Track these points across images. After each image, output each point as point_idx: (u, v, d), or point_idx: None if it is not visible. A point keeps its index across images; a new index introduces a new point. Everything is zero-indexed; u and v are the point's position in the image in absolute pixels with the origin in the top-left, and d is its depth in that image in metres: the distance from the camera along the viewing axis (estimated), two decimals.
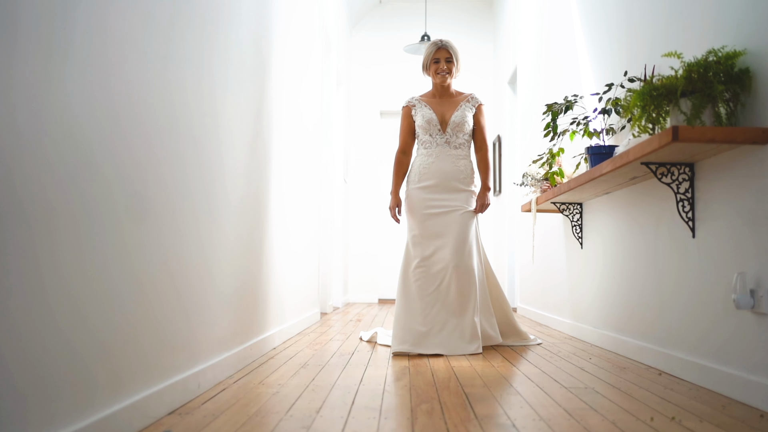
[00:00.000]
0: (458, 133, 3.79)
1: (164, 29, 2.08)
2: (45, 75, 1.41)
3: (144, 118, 1.93)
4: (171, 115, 2.14)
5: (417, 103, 3.87)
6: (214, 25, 2.62)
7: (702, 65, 2.28)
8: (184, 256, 2.28)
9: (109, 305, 1.70)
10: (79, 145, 1.56)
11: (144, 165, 1.93)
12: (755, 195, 2.24)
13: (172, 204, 2.15)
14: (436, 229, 3.71)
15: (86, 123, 1.59)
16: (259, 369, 2.94)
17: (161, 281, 2.06)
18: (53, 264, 1.45)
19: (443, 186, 3.74)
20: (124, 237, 1.79)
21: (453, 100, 3.86)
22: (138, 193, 1.89)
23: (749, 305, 2.23)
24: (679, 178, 2.71)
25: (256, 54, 3.34)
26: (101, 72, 1.66)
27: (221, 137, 2.71)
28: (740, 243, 2.33)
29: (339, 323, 5.36)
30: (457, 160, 3.77)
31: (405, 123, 3.92)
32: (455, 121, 3.77)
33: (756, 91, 2.25)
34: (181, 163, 2.24)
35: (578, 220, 4.28)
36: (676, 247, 2.84)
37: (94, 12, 1.63)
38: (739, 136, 2.19)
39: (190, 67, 2.32)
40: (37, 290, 1.39)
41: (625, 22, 3.53)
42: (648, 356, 3.10)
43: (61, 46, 1.48)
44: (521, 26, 6.60)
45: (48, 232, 1.43)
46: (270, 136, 3.66)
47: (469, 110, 3.82)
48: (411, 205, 3.79)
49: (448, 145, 3.78)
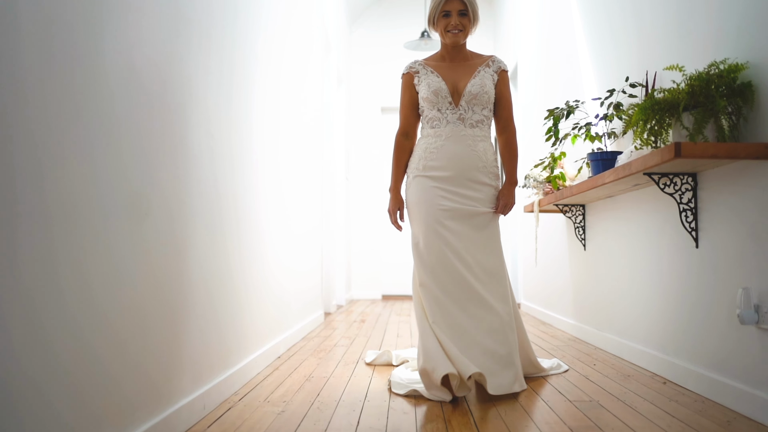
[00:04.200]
0: (475, 107, 2.86)
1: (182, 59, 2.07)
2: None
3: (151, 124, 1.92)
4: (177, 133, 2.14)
5: (421, 69, 2.94)
6: (226, 36, 2.61)
7: (704, 79, 2.27)
8: (184, 273, 2.28)
9: (110, 332, 1.71)
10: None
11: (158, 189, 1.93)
12: (759, 208, 2.23)
13: (173, 221, 2.15)
14: (452, 235, 2.80)
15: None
16: (264, 383, 2.94)
17: (155, 303, 2.07)
18: (56, 295, 1.45)
19: (458, 176, 2.83)
20: (119, 250, 1.79)
21: (468, 65, 2.93)
22: (140, 194, 1.89)
23: (753, 320, 2.22)
24: (682, 188, 2.70)
25: (259, 57, 3.33)
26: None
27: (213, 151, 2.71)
28: (744, 256, 2.33)
29: (343, 324, 5.37)
30: (474, 143, 2.85)
31: (406, 96, 2.98)
32: (471, 91, 2.85)
33: (758, 105, 2.24)
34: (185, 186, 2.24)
35: (581, 222, 4.27)
36: (680, 256, 2.84)
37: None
38: (742, 152, 2.18)
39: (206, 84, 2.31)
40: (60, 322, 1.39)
41: (629, 21, 3.51)
42: (652, 363, 3.10)
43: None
44: (522, 22, 6.57)
45: (53, 265, 1.43)
46: (268, 138, 3.65)
47: (489, 77, 2.90)
48: (413, 199, 2.87)
49: (462, 123, 2.86)
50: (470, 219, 2.82)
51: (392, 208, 3.00)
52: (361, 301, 7.96)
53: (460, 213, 2.81)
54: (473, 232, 2.82)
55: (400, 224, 3.01)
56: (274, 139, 3.73)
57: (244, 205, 3.06)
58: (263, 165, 3.45)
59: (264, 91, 3.50)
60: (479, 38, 8.52)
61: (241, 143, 3.01)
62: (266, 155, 3.53)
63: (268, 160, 3.56)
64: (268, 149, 3.56)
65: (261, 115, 3.42)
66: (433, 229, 2.79)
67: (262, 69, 3.45)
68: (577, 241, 4.41)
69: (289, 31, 4.27)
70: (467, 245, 2.79)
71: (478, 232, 2.83)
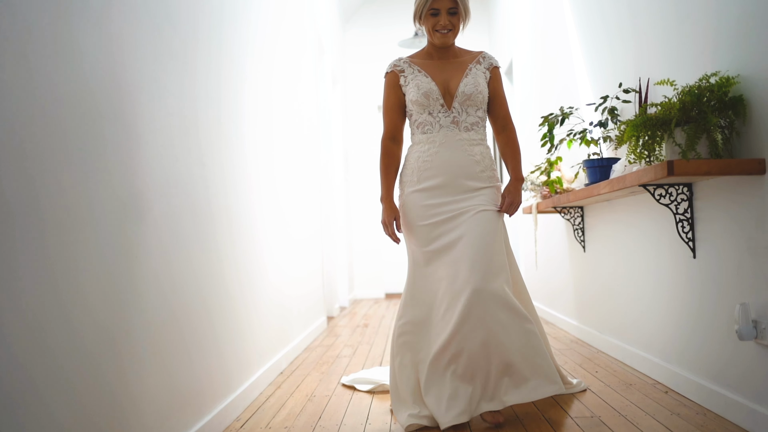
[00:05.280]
0: (469, 109, 2.66)
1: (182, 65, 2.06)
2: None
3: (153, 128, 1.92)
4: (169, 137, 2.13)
5: (407, 68, 2.72)
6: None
7: (695, 94, 2.25)
8: (185, 301, 2.27)
9: (119, 359, 1.71)
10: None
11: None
12: (755, 223, 2.22)
13: (167, 252, 2.15)
14: (445, 242, 2.59)
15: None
16: (266, 405, 2.94)
17: (170, 328, 2.06)
18: (65, 320, 1.45)
19: (453, 186, 2.63)
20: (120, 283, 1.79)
21: (458, 62, 2.73)
22: (141, 201, 1.88)
23: (752, 336, 2.22)
24: (678, 198, 2.69)
25: (247, 70, 3.31)
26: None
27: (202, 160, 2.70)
28: (742, 270, 2.32)
29: (346, 330, 5.37)
30: (470, 147, 2.66)
31: (391, 97, 2.74)
32: (465, 91, 2.64)
33: (751, 119, 2.22)
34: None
35: (580, 224, 4.26)
36: (678, 267, 2.83)
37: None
38: (735, 168, 2.17)
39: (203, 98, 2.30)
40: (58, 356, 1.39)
41: (623, 18, 3.48)
42: (654, 369, 3.10)
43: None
44: (516, 18, 6.53)
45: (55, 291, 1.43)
46: (261, 152, 3.64)
47: (482, 76, 2.70)
48: (408, 216, 2.67)
49: (457, 127, 2.65)
50: (460, 216, 2.60)
51: (386, 218, 2.71)
52: (364, 302, 7.96)
53: (452, 215, 2.61)
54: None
55: (398, 236, 2.74)
56: (268, 153, 3.72)
57: (239, 222, 3.06)
58: (258, 181, 3.44)
59: (255, 104, 3.48)
60: (473, 34, 8.47)
61: (232, 163, 3.00)
62: (261, 171, 3.52)
63: (263, 176, 3.55)
64: (262, 165, 3.55)
65: (253, 129, 3.40)
66: (428, 236, 2.62)
67: (251, 78, 3.43)
68: (577, 243, 4.40)
69: (279, 38, 4.24)
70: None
71: (470, 221, 2.59)
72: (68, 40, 1.59)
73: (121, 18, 1.87)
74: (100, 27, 1.75)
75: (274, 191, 3.85)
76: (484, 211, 2.59)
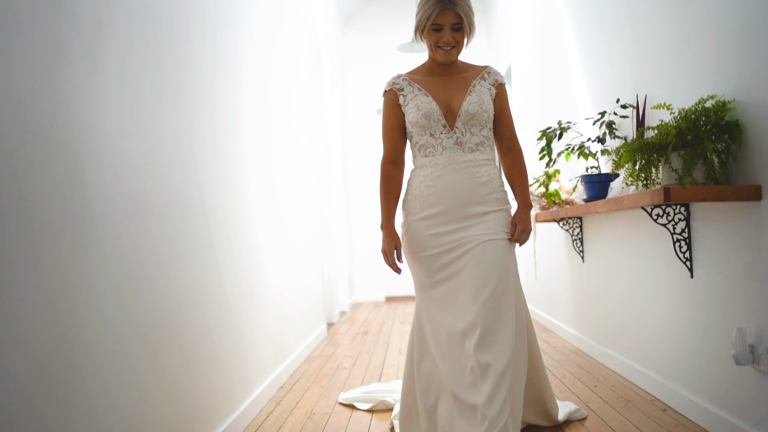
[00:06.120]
0: (473, 129, 2.47)
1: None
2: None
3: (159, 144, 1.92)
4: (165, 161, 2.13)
5: (406, 86, 2.53)
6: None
7: (692, 120, 2.26)
8: (186, 318, 2.28)
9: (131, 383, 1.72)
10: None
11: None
12: (751, 249, 2.22)
13: (167, 274, 2.16)
14: (449, 274, 2.44)
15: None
16: (266, 424, 2.95)
17: (171, 344, 2.07)
18: (84, 345, 1.46)
19: (458, 212, 2.44)
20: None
21: (461, 78, 2.53)
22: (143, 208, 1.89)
23: (749, 361, 2.23)
24: (675, 218, 2.69)
25: (244, 79, 3.32)
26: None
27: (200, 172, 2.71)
28: (738, 294, 2.32)
29: (346, 338, 5.38)
30: (475, 168, 2.46)
31: (391, 117, 2.56)
32: (468, 110, 2.45)
33: (747, 144, 2.22)
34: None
35: (578, 234, 4.27)
36: (675, 285, 2.83)
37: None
38: (732, 195, 2.18)
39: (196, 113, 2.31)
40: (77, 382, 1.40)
41: (624, 31, 3.48)
42: (652, 386, 3.11)
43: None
44: (515, 22, 6.53)
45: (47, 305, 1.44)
46: (260, 165, 3.65)
47: (486, 93, 2.50)
48: (412, 246, 2.50)
49: (461, 148, 2.46)
50: (464, 246, 2.41)
51: (387, 247, 2.53)
52: (364, 305, 7.98)
53: (459, 244, 2.42)
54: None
55: (399, 266, 2.54)
56: (267, 163, 3.72)
57: (239, 235, 3.07)
58: (258, 192, 3.45)
59: (253, 115, 3.47)
60: (473, 39, 8.44)
61: (231, 179, 3.01)
62: (261, 184, 3.53)
63: (263, 188, 3.56)
64: (261, 178, 3.56)
65: (251, 140, 3.41)
66: (433, 266, 2.47)
67: (248, 86, 3.43)
68: (576, 253, 4.40)
69: (276, 44, 4.23)
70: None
71: (476, 252, 2.40)
72: (60, 79, 1.59)
73: (117, 51, 1.88)
74: (91, 65, 1.75)
75: (274, 201, 3.86)
76: (491, 241, 2.39)
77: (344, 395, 3.32)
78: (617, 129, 3.35)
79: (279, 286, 3.92)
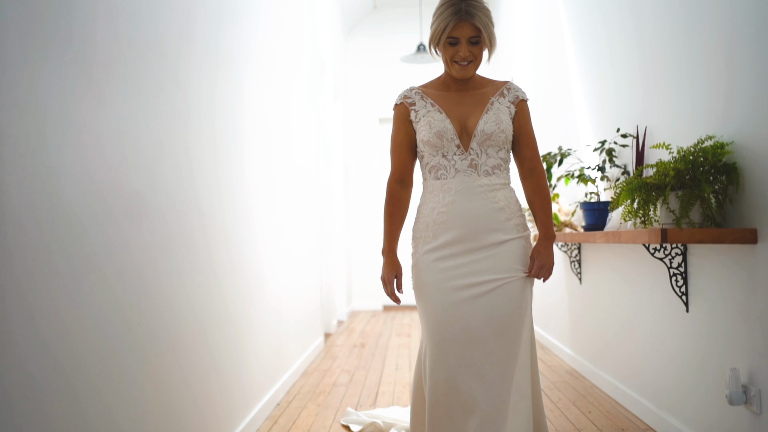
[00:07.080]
0: (489, 150, 2.25)
1: None
2: None
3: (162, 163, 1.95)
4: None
5: (419, 100, 2.31)
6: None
7: (689, 161, 2.28)
8: (184, 336, 2.31)
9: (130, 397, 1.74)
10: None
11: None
12: (746, 291, 2.25)
13: (164, 286, 2.18)
14: (468, 321, 2.17)
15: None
16: None
17: (169, 360, 2.10)
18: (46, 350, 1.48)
19: (473, 242, 2.21)
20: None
21: (478, 94, 2.31)
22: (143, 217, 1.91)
23: (741, 401, 2.25)
24: (672, 252, 2.72)
25: (245, 91, 3.34)
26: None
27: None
28: (733, 332, 2.35)
29: (343, 351, 5.41)
30: (491, 193, 2.24)
31: (400, 132, 2.35)
32: (485, 130, 2.23)
33: (744, 187, 2.25)
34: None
35: (576, 256, 4.29)
36: (671, 318, 2.86)
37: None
38: (728, 237, 2.20)
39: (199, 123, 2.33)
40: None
41: (631, 60, 3.51)
42: (646, 414, 3.13)
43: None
44: (516, 37, 6.56)
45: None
46: (261, 181, 3.67)
47: (505, 111, 2.28)
48: (421, 279, 2.26)
49: (475, 171, 2.24)
50: (492, 293, 2.18)
51: (387, 276, 2.33)
52: (362, 315, 8.00)
53: (481, 281, 2.19)
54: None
55: (398, 296, 2.38)
56: (268, 175, 3.74)
57: (239, 246, 3.09)
58: (259, 204, 3.47)
59: (254, 126, 3.47)
60: None
61: (233, 198, 3.03)
62: (262, 199, 3.55)
63: (264, 205, 3.58)
64: (263, 195, 3.58)
65: (252, 151, 3.41)
66: (446, 303, 2.20)
67: (249, 96, 3.44)
68: (573, 275, 4.43)
69: (276, 53, 4.22)
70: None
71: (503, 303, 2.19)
72: (76, 120, 1.62)
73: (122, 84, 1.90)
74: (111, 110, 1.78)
75: (274, 211, 3.88)
76: (506, 285, 2.19)
77: (345, 419, 3.30)
78: (617, 157, 3.38)
79: (278, 297, 3.94)
